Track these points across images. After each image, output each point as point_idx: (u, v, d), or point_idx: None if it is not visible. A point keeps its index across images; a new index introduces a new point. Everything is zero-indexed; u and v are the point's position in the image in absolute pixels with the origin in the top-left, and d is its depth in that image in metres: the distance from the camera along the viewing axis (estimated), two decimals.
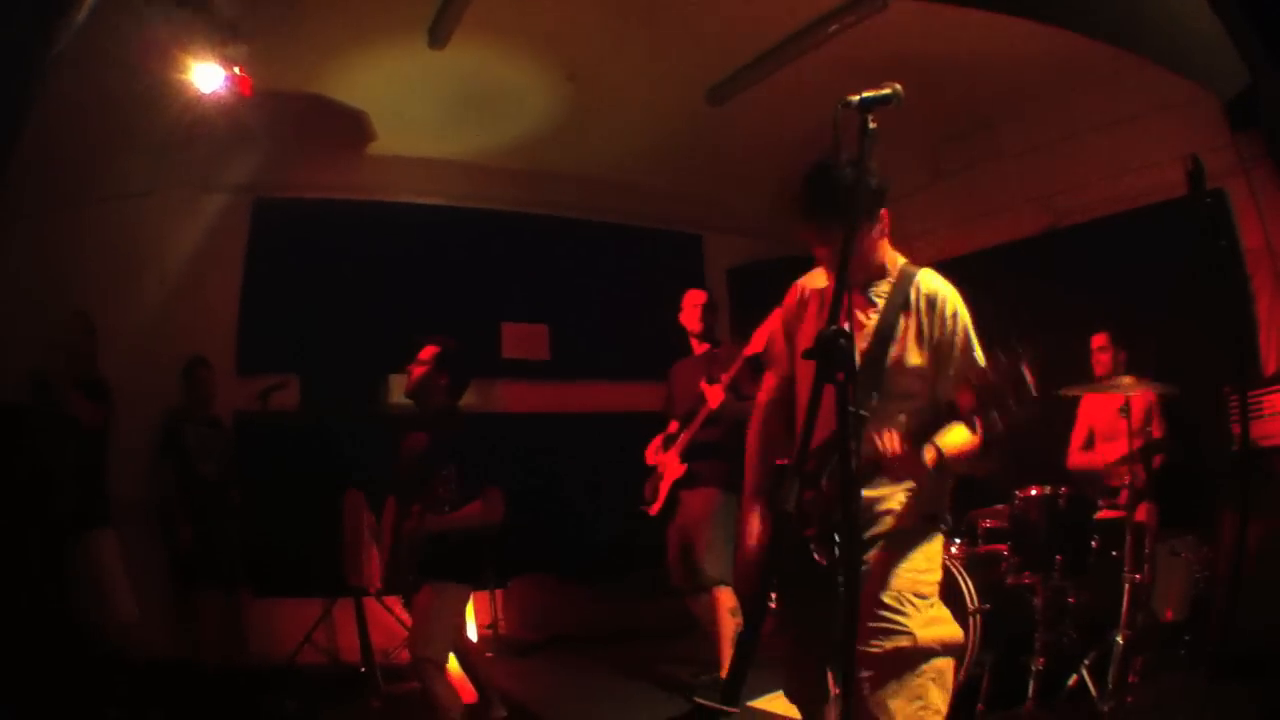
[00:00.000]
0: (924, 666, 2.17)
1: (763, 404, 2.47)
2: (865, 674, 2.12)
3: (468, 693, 3.50)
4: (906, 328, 2.19)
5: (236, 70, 3.68)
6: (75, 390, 3.79)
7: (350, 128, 4.66)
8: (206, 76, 3.67)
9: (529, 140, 4.87)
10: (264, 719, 3.97)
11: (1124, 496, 3.81)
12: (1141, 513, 3.93)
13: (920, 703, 2.17)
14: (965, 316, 2.20)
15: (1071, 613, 3.67)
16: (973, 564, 3.73)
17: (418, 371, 3.32)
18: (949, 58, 4.19)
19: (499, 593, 5.09)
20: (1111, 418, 4.21)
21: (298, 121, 4.36)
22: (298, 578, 4.51)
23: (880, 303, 2.22)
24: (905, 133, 4.66)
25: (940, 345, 2.18)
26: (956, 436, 2.13)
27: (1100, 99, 4.50)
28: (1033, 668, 3.50)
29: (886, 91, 1.80)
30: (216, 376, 4.49)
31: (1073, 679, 3.52)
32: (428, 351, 3.36)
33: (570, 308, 5.42)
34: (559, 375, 5.51)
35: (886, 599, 2.17)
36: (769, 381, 2.48)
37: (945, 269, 2.22)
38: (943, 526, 2.30)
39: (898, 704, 2.14)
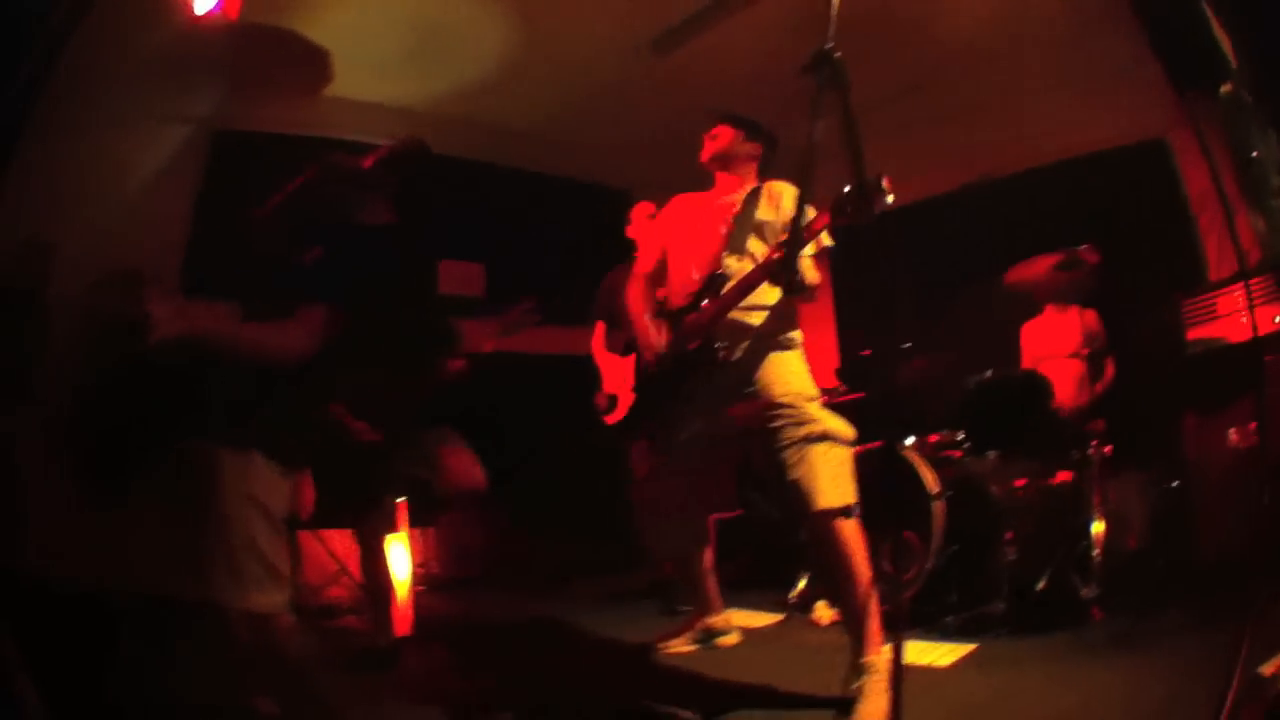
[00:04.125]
0: (835, 450, 2.49)
1: (641, 275, 3.26)
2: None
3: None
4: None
5: None
6: None
7: (309, 64, 4.55)
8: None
9: (472, 87, 4.83)
10: None
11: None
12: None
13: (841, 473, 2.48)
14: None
15: (1034, 506, 3.52)
16: (924, 452, 3.64)
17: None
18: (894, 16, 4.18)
19: (430, 530, 4.90)
20: (1051, 340, 4.22)
21: (262, 52, 4.30)
22: None
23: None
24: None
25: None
26: None
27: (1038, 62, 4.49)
28: (1001, 561, 3.31)
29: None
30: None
31: (1042, 582, 3.32)
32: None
33: (505, 251, 5.55)
34: (495, 313, 5.40)
35: (785, 400, 2.54)
36: (650, 258, 3.26)
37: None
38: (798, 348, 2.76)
39: (818, 466, 2.45)
